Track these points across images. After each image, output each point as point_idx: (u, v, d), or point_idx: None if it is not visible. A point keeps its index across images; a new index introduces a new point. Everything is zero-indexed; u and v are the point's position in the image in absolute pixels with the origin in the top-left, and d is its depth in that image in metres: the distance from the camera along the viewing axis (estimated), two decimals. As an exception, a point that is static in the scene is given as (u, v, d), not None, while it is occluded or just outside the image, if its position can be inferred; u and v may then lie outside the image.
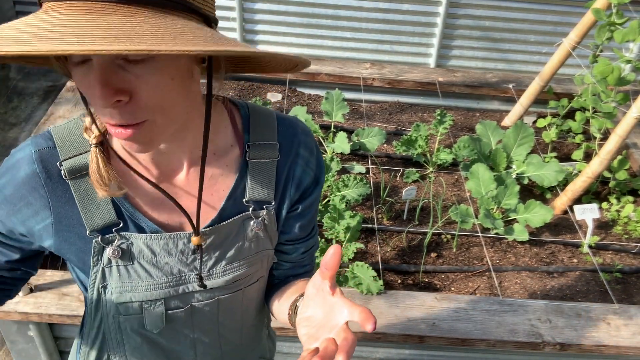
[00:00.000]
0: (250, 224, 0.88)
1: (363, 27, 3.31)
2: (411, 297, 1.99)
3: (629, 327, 1.92)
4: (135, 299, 0.85)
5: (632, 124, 2.26)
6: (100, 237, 0.81)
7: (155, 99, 0.67)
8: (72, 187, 0.79)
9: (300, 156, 0.90)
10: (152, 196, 0.84)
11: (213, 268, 0.88)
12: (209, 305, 0.91)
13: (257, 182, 0.88)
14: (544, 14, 3.25)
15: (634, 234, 2.43)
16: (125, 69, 0.64)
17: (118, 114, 0.66)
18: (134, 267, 0.84)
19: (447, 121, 2.68)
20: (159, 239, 0.83)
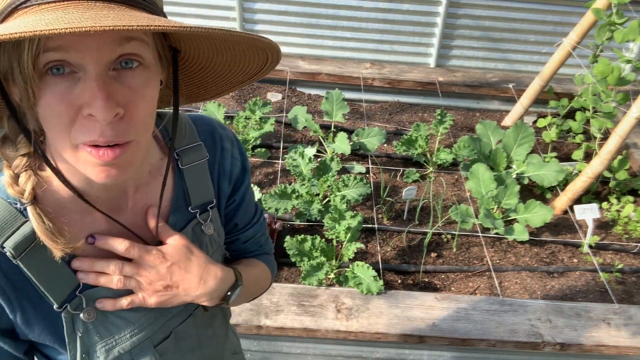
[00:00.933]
0: (201, 228, 0.88)
1: (363, 27, 3.31)
2: (411, 297, 1.99)
3: (629, 327, 1.92)
4: (124, 350, 0.81)
5: (632, 123, 2.26)
6: (69, 305, 0.75)
7: (145, 113, 0.66)
8: (23, 266, 0.71)
9: (225, 149, 0.91)
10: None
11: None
12: (188, 324, 0.90)
13: (196, 187, 0.87)
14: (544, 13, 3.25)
15: (634, 234, 2.43)
16: (119, 80, 0.63)
17: (111, 130, 0.62)
18: (110, 320, 0.79)
19: (447, 121, 2.68)
20: None
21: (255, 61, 0.75)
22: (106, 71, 0.62)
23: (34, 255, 0.71)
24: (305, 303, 1.93)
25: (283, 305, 1.92)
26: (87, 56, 0.60)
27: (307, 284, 2.00)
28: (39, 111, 0.63)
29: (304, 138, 2.89)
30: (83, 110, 0.61)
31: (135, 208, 0.81)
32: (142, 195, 0.81)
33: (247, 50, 0.72)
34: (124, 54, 0.62)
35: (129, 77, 0.64)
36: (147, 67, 0.66)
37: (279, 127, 2.91)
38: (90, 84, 0.60)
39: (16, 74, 0.62)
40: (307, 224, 2.33)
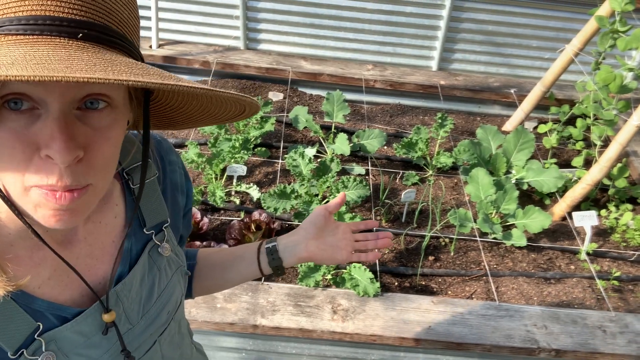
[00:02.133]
0: (158, 250, 0.84)
1: (366, 28, 3.31)
2: (408, 299, 1.99)
3: (625, 335, 1.93)
4: None
5: (632, 132, 2.26)
6: (25, 351, 0.68)
7: (107, 156, 0.61)
8: None
9: (172, 162, 0.89)
10: (53, 275, 0.72)
11: (144, 316, 0.82)
12: (153, 352, 0.86)
13: (150, 207, 0.83)
14: (547, 19, 3.25)
15: (632, 242, 2.43)
16: (82, 120, 0.58)
17: (71, 174, 0.57)
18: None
19: (448, 125, 2.68)
20: (85, 318, 0.73)
21: (231, 111, 0.72)
22: (70, 110, 0.57)
23: None
24: (301, 303, 1.93)
25: (279, 305, 1.92)
26: (52, 93, 0.55)
27: (304, 285, 2.00)
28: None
29: (304, 138, 2.89)
30: (41, 151, 0.56)
31: (88, 239, 0.75)
32: (94, 224, 0.76)
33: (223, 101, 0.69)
34: (91, 93, 0.57)
35: (94, 117, 0.59)
36: (114, 108, 0.61)
37: (280, 127, 2.91)
38: (52, 123, 0.55)
39: None
40: (305, 225, 2.33)
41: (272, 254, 1.00)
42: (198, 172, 2.58)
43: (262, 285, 1.99)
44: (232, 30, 3.37)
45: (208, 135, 2.73)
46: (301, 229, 1.02)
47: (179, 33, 3.41)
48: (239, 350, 2.00)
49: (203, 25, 3.37)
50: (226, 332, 1.92)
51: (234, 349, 2.00)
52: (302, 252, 1.00)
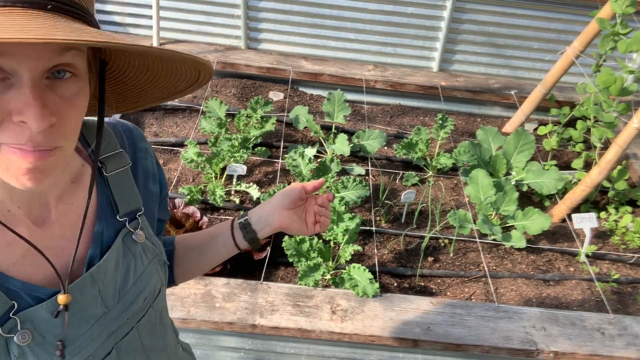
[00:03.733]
0: (131, 237, 0.86)
1: (367, 28, 3.31)
2: (407, 300, 1.99)
3: (623, 337, 1.93)
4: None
5: (632, 134, 2.27)
6: (1, 329, 0.70)
7: (74, 122, 0.66)
8: None
9: (142, 149, 0.92)
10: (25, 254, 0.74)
11: (121, 301, 0.83)
12: (131, 338, 0.87)
13: (122, 194, 0.85)
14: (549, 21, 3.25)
15: (631, 245, 2.43)
16: (52, 89, 0.62)
17: (42, 137, 0.61)
18: (48, 341, 0.74)
19: (448, 126, 2.68)
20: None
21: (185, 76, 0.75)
22: (41, 79, 0.61)
23: None
24: (300, 303, 1.93)
25: (278, 305, 1.92)
26: (23, 63, 0.59)
27: (303, 285, 2.00)
28: None
29: (304, 138, 2.89)
30: (13, 116, 0.60)
31: (60, 220, 0.78)
32: (65, 205, 0.78)
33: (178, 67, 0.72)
34: (60, 64, 0.62)
35: (62, 87, 0.63)
36: (79, 78, 0.65)
37: (280, 127, 2.91)
38: (25, 91, 0.59)
39: None
40: (305, 225, 2.33)
41: (246, 227, 1.02)
42: (198, 172, 2.58)
43: (261, 285, 1.99)
44: (233, 30, 3.37)
45: (208, 135, 2.73)
46: (274, 199, 1.04)
47: (180, 32, 3.41)
48: (238, 350, 2.00)
49: (204, 24, 3.37)
50: (225, 332, 1.92)
51: (232, 349, 2.00)
52: (275, 221, 1.02)
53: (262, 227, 1.02)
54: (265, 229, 1.03)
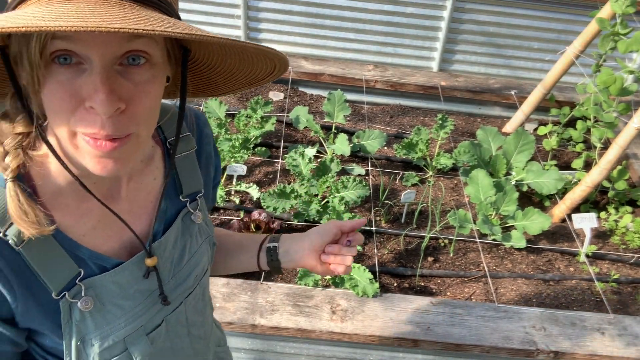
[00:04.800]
0: (191, 217, 0.90)
1: (367, 29, 3.31)
2: (407, 300, 1.99)
3: (623, 338, 1.93)
4: (118, 338, 0.81)
5: (632, 134, 2.27)
6: (67, 293, 0.75)
7: (148, 108, 0.67)
8: (25, 254, 0.71)
9: (207, 135, 0.96)
10: (96, 226, 0.78)
11: (174, 277, 0.88)
12: (179, 312, 0.91)
13: (187, 176, 0.90)
14: (549, 21, 3.25)
15: (631, 245, 2.43)
16: (124, 75, 0.63)
17: (112, 124, 0.63)
18: (107, 308, 0.79)
19: (448, 126, 2.68)
20: (123, 270, 0.79)
21: (262, 68, 0.77)
22: (112, 65, 0.62)
23: (35, 244, 0.71)
24: (300, 303, 1.93)
25: (278, 305, 1.92)
26: (94, 49, 0.60)
27: (303, 285, 2.00)
28: (43, 98, 0.64)
29: (304, 138, 2.89)
30: (85, 102, 0.62)
31: (129, 196, 0.82)
32: (135, 184, 0.83)
33: (255, 58, 0.74)
34: (131, 50, 0.63)
35: (134, 73, 0.64)
36: (153, 65, 0.66)
37: (280, 127, 2.91)
38: (95, 77, 0.61)
39: (24, 59, 0.62)
40: (305, 224, 2.33)
41: (272, 254, 1.02)
42: (198, 171, 2.58)
43: (261, 285, 1.99)
44: (233, 30, 3.37)
45: (208, 135, 2.73)
46: (307, 237, 1.01)
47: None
48: (238, 350, 2.00)
49: (204, 24, 3.37)
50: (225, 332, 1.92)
51: (232, 349, 2.00)
52: (300, 261, 1.01)
53: (287, 260, 1.02)
54: (289, 263, 1.03)
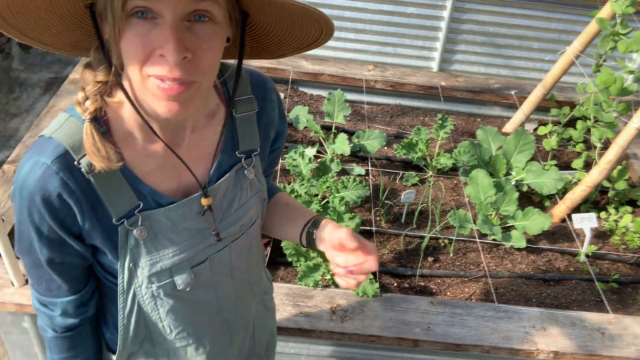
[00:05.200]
0: (244, 172, 1.00)
1: (367, 28, 3.30)
2: (407, 300, 1.99)
3: (624, 338, 1.93)
4: (165, 266, 0.94)
5: (632, 134, 2.26)
6: (126, 221, 0.88)
7: (210, 60, 0.79)
8: (94, 181, 0.84)
9: (272, 101, 1.06)
10: (159, 167, 0.90)
11: (222, 221, 0.99)
12: (223, 253, 1.02)
13: (244, 134, 1.00)
14: (549, 21, 3.25)
15: (631, 245, 2.43)
16: (191, 29, 0.76)
17: (179, 70, 0.75)
18: (158, 239, 0.92)
19: (448, 126, 2.68)
20: (176, 208, 0.92)
21: (311, 32, 0.88)
22: (180, 21, 0.74)
23: (104, 175, 0.84)
24: (300, 303, 1.93)
25: (278, 305, 1.92)
26: (167, 7, 0.73)
27: (303, 285, 2.00)
28: (122, 46, 0.77)
29: (304, 138, 2.89)
30: (157, 50, 0.74)
31: (190, 146, 0.93)
32: (197, 135, 0.94)
33: (304, 21, 0.85)
34: (197, 9, 0.75)
35: (199, 28, 0.76)
36: (216, 23, 0.78)
37: (280, 127, 2.90)
38: (166, 30, 0.73)
39: (108, 13, 0.75)
40: (304, 224, 2.33)
41: (309, 239, 1.09)
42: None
43: (261, 285, 1.99)
44: (233, 30, 3.37)
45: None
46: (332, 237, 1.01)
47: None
48: (238, 350, 2.00)
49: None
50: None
51: (232, 349, 2.00)
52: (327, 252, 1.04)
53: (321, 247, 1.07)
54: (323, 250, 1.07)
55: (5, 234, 1.74)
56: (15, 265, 1.80)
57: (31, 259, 0.92)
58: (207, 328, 1.09)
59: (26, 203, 0.84)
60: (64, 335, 1.01)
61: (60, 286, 0.95)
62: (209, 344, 1.10)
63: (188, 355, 1.09)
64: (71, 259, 0.92)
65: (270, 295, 1.35)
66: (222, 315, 1.10)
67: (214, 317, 1.09)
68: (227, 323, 1.12)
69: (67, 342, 1.03)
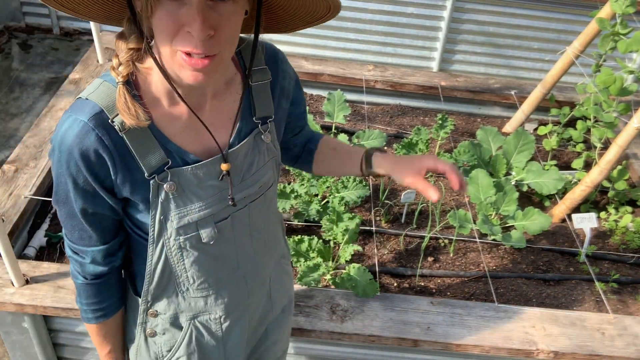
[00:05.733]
0: (261, 137, 1.10)
1: (367, 28, 3.31)
2: (407, 300, 1.99)
3: (623, 338, 1.93)
4: (192, 220, 1.03)
5: (632, 134, 2.26)
6: (156, 176, 0.97)
7: (231, 35, 0.88)
8: (127, 139, 0.93)
9: (285, 71, 1.15)
10: (184, 129, 0.99)
11: (243, 181, 1.08)
12: (243, 212, 1.11)
13: (260, 101, 1.09)
14: (548, 21, 3.25)
15: (632, 245, 2.43)
16: (214, 8, 0.84)
17: (204, 46, 0.84)
18: (186, 194, 1.01)
19: (448, 126, 2.68)
20: (202, 167, 1.01)
21: (320, 7, 0.97)
22: (205, 1, 0.83)
23: (135, 132, 0.93)
24: (300, 303, 1.92)
25: (278, 305, 1.92)
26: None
27: (303, 285, 2.00)
28: (153, 22, 0.86)
29: (304, 138, 2.89)
30: (184, 27, 0.83)
31: (212, 111, 1.03)
32: (218, 101, 1.03)
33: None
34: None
35: (221, 7, 0.84)
36: (236, 2, 0.86)
37: (280, 127, 2.90)
38: (192, 9, 0.82)
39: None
40: (305, 224, 2.33)
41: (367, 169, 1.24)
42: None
43: (261, 285, 1.99)
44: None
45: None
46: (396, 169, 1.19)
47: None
48: (238, 350, 2.00)
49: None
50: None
51: (232, 349, 2.00)
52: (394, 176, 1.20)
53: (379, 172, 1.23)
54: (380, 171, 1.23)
55: (5, 234, 1.74)
56: (15, 265, 1.80)
57: (66, 208, 1.00)
58: (227, 281, 1.17)
59: (65, 156, 0.92)
60: (92, 282, 1.10)
61: (91, 236, 1.03)
62: (228, 297, 1.18)
63: (207, 305, 1.17)
64: (102, 211, 1.01)
65: (288, 260, 1.43)
66: (241, 270, 1.18)
67: (233, 271, 1.17)
68: (244, 279, 1.20)
69: (95, 289, 1.12)
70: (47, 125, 2.52)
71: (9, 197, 2.16)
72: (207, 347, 1.23)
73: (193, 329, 1.19)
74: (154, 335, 1.20)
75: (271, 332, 1.41)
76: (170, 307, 1.16)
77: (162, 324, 1.18)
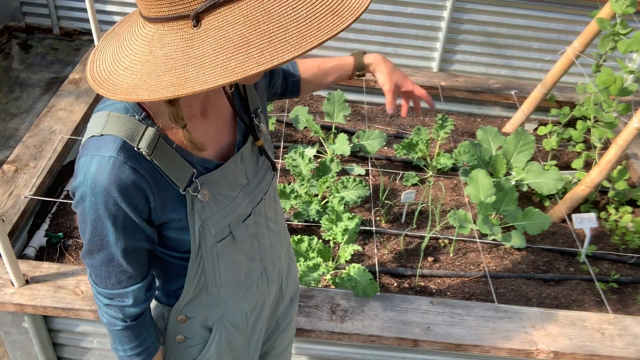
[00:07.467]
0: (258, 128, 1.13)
1: (367, 28, 3.31)
2: (407, 300, 1.99)
3: (623, 338, 1.93)
4: (225, 224, 1.05)
5: (632, 134, 2.26)
6: (189, 189, 0.97)
7: None
8: (156, 161, 0.92)
9: None
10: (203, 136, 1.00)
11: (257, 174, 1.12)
12: (260, 206, 1.15)
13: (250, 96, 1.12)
14: (548, 21, 3.25)
15: (631, 245, 2.43)
16: None
17: None
18: (218, 198, 1.03)
19: (448, 126, 2.68)
20: (226, 167, 1.03)
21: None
22: None
23: (160, 153, 0.92)
24: (300, 303, 1.92)
25: (278, 305, 1.92)
26: None
27: (302, 285, 2.00)
28: None
29: (304, 138, 2.89)
30: None
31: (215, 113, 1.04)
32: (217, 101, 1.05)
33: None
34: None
35: None
36: None
37: (280, 127, 2.90)
38: None
39: None
40: (304, 224, 2.33)
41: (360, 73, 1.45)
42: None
43: (261, 285, 1.99)
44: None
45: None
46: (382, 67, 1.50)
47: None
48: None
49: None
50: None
51: (232, 349, 2.00)
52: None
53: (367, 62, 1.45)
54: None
55: (5, 234, 1.74)
56: (15, 265, 1.80)
57: (102, 255, 0.97)
58: (254, 276, 1.19)
59: (101, 198, 0.89)
60: (132, 323, 1.08)
61: (130, 276, 1.01)
62: (254, 291, 1.21)
63: (236, 302, 1.19)
64: (141, 244, 0.99)
65: (291, 248, 1.46)
66: (262, 263, 1.21)
67: (257, 265, 1.20)
68: (265, 271, 1.23)
69: (137, 330, 1.09)
70: (47, 125, 2.52)
71: (9, 197, 2.16)
72: (235, 345, 1.24)
73: (222, 328, 1.20)
74: (183, 341, 1.19)
75: (281, 322, 1.44)
76: (200, 311, 1.16)
77: (192, 329, 1.18)
